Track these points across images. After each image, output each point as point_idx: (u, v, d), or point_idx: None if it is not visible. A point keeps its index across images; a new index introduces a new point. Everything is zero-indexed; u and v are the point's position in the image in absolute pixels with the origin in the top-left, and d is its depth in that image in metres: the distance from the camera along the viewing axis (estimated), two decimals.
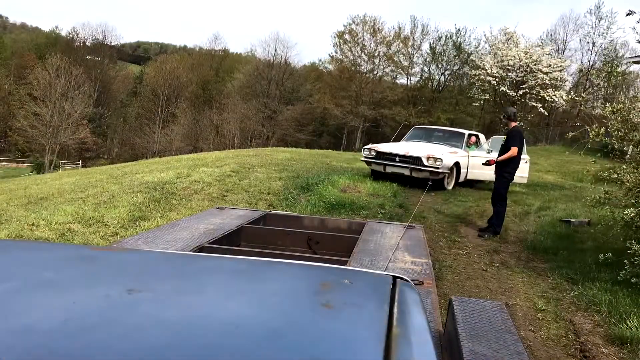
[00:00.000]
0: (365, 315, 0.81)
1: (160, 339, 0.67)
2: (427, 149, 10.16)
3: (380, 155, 10.06)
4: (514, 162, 6.65)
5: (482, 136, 12.30)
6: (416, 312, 0.89)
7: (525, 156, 9.74)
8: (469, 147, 11.04)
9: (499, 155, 6.80)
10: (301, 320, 0.78)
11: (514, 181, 9.91)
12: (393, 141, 11.51)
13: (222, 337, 0.69)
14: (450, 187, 10.31)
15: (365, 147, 10.59)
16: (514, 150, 6.49)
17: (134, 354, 0.62)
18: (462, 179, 10.61)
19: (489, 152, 10.07)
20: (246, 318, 0.76)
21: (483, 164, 7.10)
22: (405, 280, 1.09)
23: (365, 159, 10.33)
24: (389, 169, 9.90)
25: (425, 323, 0.84)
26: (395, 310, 0.85)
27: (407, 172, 9.74)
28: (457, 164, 10.22)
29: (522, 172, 10.08)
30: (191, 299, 0.84)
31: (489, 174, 10.01)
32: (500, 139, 11.52)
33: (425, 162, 9.51)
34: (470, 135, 11.44)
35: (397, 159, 9.80)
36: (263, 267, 1.12)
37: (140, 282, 0.92)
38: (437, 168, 9.52)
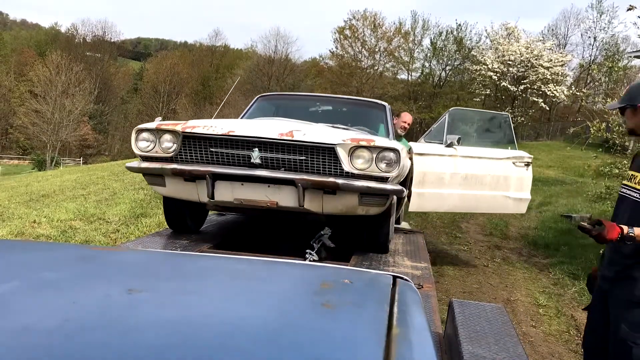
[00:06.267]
0: (365, 315, 0.81)
1: (160, 339, 0.67)
2: (341, 130, 3.66)
3: (196, 145, 3.07)
4: None
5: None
6: (416, 312, 0.89)
7: (523, 153, 4.95)
8: (398, 138, 4.96)
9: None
10: (301, 320, 0.78)
11: (509, 211, 5.11)
12: (216, 117, 4.12)
13: (222, 337, 0.69)
14: (391, 240, 3.58)
15: (141, 127, 3.20)
16: None
17: (134, 354, 0.62)
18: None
19: (449, 146, 4.63)
20: (246, 318, 0.76)
21: (583, 230, 2.35)
22: (406, 280, 1.09)
23: (145, 167, 3.13)
24: (227, 194, 2.99)
25: (425, 323, 0.84)
26: (396, 310, 0.85)
27: (292, 203, 2.94)
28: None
29: (519, 189, 4.98)
30: (191, 299, 0.84)
31: (455, 197, 4.66)
32: (463, 112, 5.80)
33: (346, 163, 2.92)
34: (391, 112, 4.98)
35: (256, 154, 2.92)
36: (263, 267, 1.12)
37: (140, 282, 0.92)
38: (386, 177, 2.93)
